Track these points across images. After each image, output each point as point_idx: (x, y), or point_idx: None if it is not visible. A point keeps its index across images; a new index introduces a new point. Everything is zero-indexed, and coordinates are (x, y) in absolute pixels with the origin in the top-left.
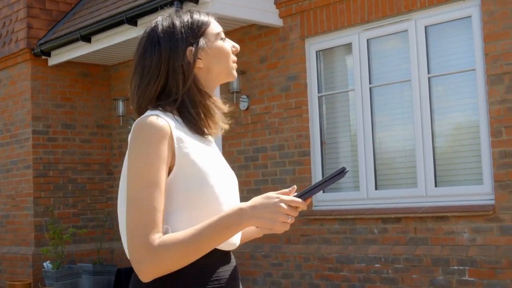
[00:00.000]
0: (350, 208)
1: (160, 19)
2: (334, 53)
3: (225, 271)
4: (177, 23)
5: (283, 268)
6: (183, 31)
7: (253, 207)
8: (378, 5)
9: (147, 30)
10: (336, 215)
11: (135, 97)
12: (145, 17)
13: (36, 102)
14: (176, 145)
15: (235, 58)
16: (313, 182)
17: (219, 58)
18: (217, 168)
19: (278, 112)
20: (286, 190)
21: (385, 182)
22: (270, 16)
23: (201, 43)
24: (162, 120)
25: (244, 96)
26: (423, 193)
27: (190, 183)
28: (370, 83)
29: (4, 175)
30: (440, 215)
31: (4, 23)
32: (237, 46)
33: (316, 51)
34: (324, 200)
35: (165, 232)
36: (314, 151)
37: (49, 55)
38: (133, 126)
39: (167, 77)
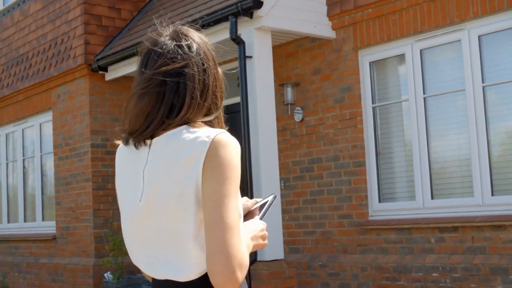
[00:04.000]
0: (407, 218)
1: (193, 34)
2: (387, 64)
3: None
4: (206, 40)
5: (340, 278)
6: (209, 47)
7: (253, 232)
8: (430, 15)
9: (194, 43)
10: (393, 224)
11: (189, 112)
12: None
13: (94, 116)
14: None
15: None
16: (369, 192)
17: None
18: None
19: (332, 123)
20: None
21: (441, 192)
22: (323, 29)
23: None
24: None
25: (299, 108)
26: (480, 202)
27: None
28: (424, 93)
29: (64, 188)
30: (498, 224)
31: (63, 39)
32: None
33: (370, 62)
34: (380, 210)
35: None
36: (369, 161)
37: (106, 70)
38: (210, 139)
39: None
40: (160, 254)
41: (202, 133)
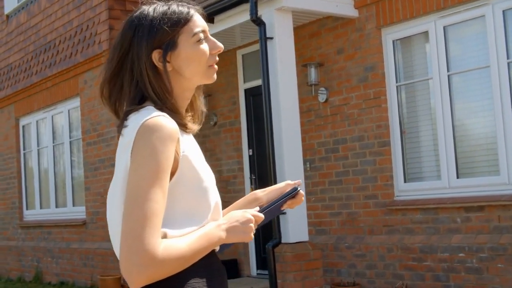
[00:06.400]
0: (432, 198)
1: (143, 8)
2: (411, 41)
3: (222, 266)
4: (151, 15)
5: (366, 259)
6: (152, 27)
7: (229, 223)
8: None
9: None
10: (418, 205)
11: (123, 97)
12: (219, 15)
13: None
14: (181, 149)
15: (215, 59)
16: (394, 172)
17: (191, 61)
18: (206, 167)
19: (357, 103)
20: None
21: (466, 171)
22: (345, 8)
23: (170, 45)
24: (173, 123)
25: (323, 89)
26: (506, 181)
27: (191, 188)
28: (448, 71)
29: (92, 173)
30: None
31: (88, 25)
32: (221, 46)
33: (393, 40)
34: (406, 190)
35: (162, 237)
36: (394, 141)
37: None
38: (139, 124)
39: (132, 75)
40: (114, 236)
41: (140, 117)
